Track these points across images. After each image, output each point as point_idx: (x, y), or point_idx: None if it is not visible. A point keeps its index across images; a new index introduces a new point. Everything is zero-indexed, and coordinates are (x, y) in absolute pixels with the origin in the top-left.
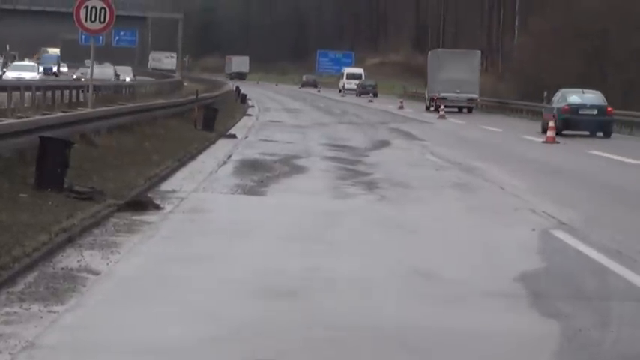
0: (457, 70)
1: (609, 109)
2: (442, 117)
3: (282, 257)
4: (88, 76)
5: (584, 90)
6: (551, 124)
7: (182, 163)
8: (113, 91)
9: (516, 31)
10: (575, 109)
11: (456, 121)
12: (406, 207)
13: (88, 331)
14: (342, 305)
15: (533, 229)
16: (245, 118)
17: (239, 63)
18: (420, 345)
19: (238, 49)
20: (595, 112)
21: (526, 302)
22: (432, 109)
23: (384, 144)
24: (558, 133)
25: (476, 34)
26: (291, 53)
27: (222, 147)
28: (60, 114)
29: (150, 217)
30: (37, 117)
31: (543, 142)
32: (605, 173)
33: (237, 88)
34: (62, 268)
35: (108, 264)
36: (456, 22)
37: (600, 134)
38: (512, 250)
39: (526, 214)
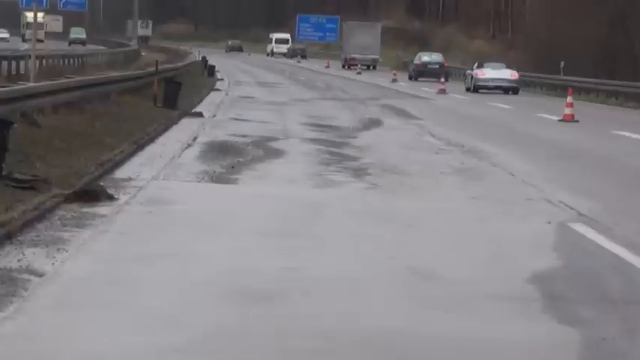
0: (363, 37)
1: (446, 64)
2: (442, 91)
3: (257, 255)
4: None
5: (431, 53)
6: (569, 99)
7: (140, 147)
8: None
9: None
10: (425, 64)
11: (457, 97)
12: (401, 197)
13: (30, 342)
14: (325, 311)
15: (549, 222)
16: (213, 93)
17: (143, 28)
18: (416, 356)
19: (205, 15)
20: (437, 66)
21: (540, 306)
22: (346, 67)
23: (374, 123)
24: (415, 79)
25: None
26: (267, 19)
27: (186, 127)
28: None
29: (102, 209)
30: None
31: (560, 121)
32: (630, 156)
33: (204, 58)
34: (0, 269)
35: (53, 264)
36: None
37: (442, 79)
38: (525, 246)
39: (540, 205)
